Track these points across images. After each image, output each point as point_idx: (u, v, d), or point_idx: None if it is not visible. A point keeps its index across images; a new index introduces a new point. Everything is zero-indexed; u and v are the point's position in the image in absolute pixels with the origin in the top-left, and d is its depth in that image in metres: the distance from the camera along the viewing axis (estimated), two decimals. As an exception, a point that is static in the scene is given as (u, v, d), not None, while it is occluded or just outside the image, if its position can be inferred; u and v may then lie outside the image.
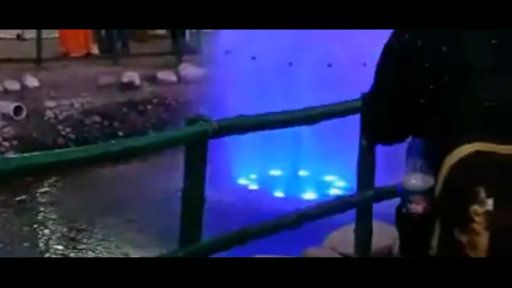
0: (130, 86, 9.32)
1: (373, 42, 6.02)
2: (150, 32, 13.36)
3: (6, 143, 7.41)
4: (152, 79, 9.77)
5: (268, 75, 6.21)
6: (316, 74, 6.04)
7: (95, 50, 10.86)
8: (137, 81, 9.44)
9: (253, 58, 6.16)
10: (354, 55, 5.93)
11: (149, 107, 9.10)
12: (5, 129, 7.52)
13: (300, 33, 5.83)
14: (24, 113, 7.77)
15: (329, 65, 5.98)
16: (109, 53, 10.72)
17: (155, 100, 9.23)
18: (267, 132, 3.58)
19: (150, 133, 8.56)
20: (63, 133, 7.93)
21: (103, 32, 10.96)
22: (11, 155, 7.29)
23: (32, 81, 8.55)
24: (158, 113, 9.07)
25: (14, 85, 8.36)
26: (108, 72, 9.59)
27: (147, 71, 9.88)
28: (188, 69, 10.20)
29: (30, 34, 10.67)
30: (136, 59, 10.51)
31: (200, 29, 10.92)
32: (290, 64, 5.97)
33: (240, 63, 6.39)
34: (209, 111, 6.72)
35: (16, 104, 7.74)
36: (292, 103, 5.74)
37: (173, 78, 9.99)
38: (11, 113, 7.62)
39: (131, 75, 9.46)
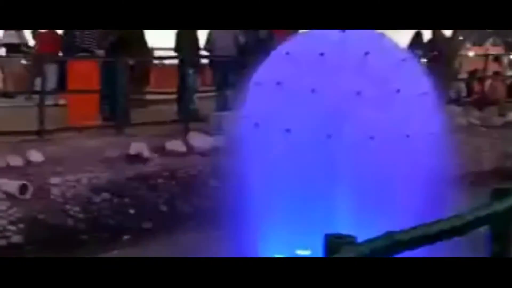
0: (138, 158, 8.79)
1: (415, 112, 5.54)
2: (148, 97, 12.97)
3: (12, 227, 6.80)
4: (161, 150, 9.26)
5: (304, 149, 5.64)
6: (357, 147, 5.50)
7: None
8: (146, 153, 8.92)
9: (287, 130, 5.61)
10: (396, 126, 5.42)
11: (159, 181, 8.54)
12: (10, 211, 6.92)
13: (339, 101, 5.37)
14: (29, 192, 7.19)
15: (372, 138, 5.44)
16: (111, 121, 10.26)
17: (165, 173, 8.68)
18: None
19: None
20: (72, 213, 7.33)
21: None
22: (19, 240, 6.73)
23: (36, 156, 8.01)
24: (170, 188, 8.51)
25: (17, 161, 7.81)
26: (114, 143, 9.08)
27: (154, 140, 9.39)
28: (198, 138, 9.73)
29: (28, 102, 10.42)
30: (141, 128, 10.04)
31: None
32: (329, 136, 5.42)
33: (271, 136, 5.82)
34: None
35: (21, 182, 7.17)
36: (331, 179, 5.37)
37: (183, 148, 9.49)
38: (16, 193, 7.04)
39: (139, 146, 8.95)
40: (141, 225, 7.73)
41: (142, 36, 11.62)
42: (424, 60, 11.84)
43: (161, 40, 16.86)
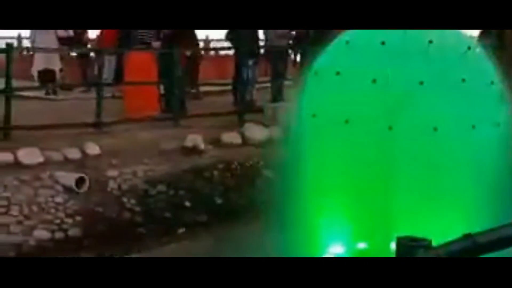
0: (194, 150, 8.73)
1: (481, 102, 5.27)
2: (203, 88, 12.90)
3: (69, 220, 6.80)
4: (216, 142, 9.17)
5: (363, 140, 5.43)
6: (420, 139, 5.28)
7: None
8: (201, 145, 8.84)
9: (346, 121, 5.41)
10: (461, 117, 5.19)
11: (215, 173, 8.45)
12: (68, 204, 6.92)
13: (401, 92, 5.17)
14: (86, 185, 7.18)
15: (435, 129, 5.22)
16: (169, 113, 10.23)
17: (220, 165, 8.59)
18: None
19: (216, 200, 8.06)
20: (128, 205, 7.30)
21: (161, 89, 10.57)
22: (76, 233, 6.72)
23: (93, 149, 8.01)
24: (224, 180, 8.42)
25: (75, 153, 7.82)
26: (170, 135, 9.04)
27: (210, 133, 9.31)
28: (253, 130, 9.61)
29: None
30: (196, 120, 9.97)
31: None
32: (390, 128, 5.21)
33: (329, 127, 5.63)
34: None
35: (78, 175, 7.16)
36: (392, 172, 5.17)
37: (238, 140, 9.39)
38: (73, 186, 7.04)
39: (195, 139, 8.88)
40: (196, 218, 7.66)
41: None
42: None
43: (216, 30, 16.90)
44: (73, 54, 13.85)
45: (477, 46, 5.46)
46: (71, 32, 12.67)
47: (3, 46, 9.10)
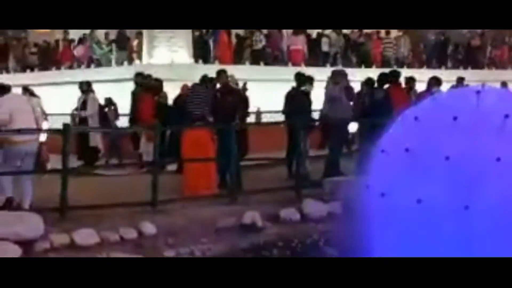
0: (252, 228, 8.48)
1: None
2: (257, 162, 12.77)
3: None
4: (275, 219, 8.92)
5: (438, 221, 5.11)
6: (499, 219, 4.94)
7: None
8: (259, 222, 8.59)
9: (419, 201, 5.11)
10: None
11: (274, 251, 8.16)
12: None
13: (477, 169, 4.87)
14: (143, 267, 6.96)
15: (513, 208, 4.86)
16: (224, 189, 10.07)
17: (280, 243, 8.30)
18: None
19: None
20: (188, 288, 7.03)
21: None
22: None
23: (149, 228, 7.83)
24: (285, 258, 8.10)
25: (131, 233, 7.65)
26: (227, 212, 8.83)
27: (267, 209, 9.07)
28: (312, 205, 9.34)
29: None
30: (254, 196, 9.77)
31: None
32: (467, 207, 4.89)
33: (399, 207, 5.32)
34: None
35: (135, 256, 6.96)
36: (469, 255, 4.83)
37: (297, 216, 9.12)
38: (130, 268, 6.82)
39: (253, 215, 8.64)
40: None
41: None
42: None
43: (267, 102, 16.87)
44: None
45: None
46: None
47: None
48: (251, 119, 16.54)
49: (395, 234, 5.08)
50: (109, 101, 14.17)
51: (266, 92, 17.32)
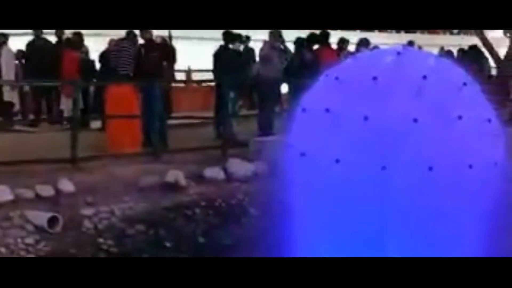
0: (175, 187, 8.37)
1: (478, 140, 4.98)
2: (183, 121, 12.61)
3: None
4: (199, 178, 8.82)
5: (356, 181, 5.11)
6: (415, 179, 4.96)
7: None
8: (183, 181, 8.49)
9: (337, 161, 5.09)
10: (458, 156, 4.90)
11: (197, 211, 8.10)
12: (39, 245, 6.52)
13: (394, 130, 4.88)
14: (60, 225, 6.80)
15: (430, 168, 4.92)
16: (149, 147, 9.89)
17: (203, 203, 8.24)
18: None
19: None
20: (104, 246, 6.91)
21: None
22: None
23: (67, 185, 7.63)
24: (208, 218, 8.06)
25: (47, 191, 7.43)
26: (150, 171, 8.67)
27: (191, 168, 8.97)
28: (237, 165, 9.27)
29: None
30: (178, 155, 9.63)
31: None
32: (384, 168, 4.90)
33: (318, 167, 5.30)
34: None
35: (50, 214, 6.78)
36: (385, 215, 4.86)
37: (221, 175, 9.04)
38: (45, 225, 6.65)
39: (176, 174, 8.53)
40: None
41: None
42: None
43: (198, 61, 16.66)
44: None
45: (472, 81, 5.20)
46: None
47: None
48: (181, 77, 16.35)
49: (315, 194, 5.07)
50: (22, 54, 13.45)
51: (197, 50, 17.11)
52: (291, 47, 12.84)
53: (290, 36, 12.96)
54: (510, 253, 4.77)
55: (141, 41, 10.81)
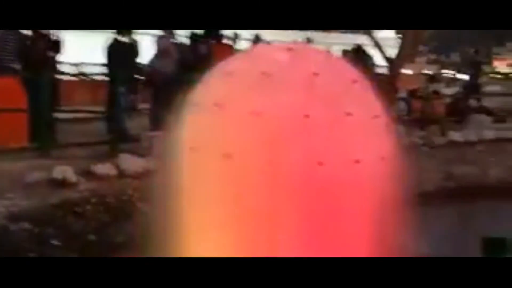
0: (63, 183, 8.11)
1: (367, 136, 5.08)
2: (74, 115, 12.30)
3: None
4: (88, 174, 8.59)
5: (246, 176, 5.09)
6: (305, 174, 4.99)
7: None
8: (72, 177, 8.24)
9: (228, 156, 5.04)
10: (347, 152, 4.95)
11: (88, 207, 7.87)
12: None
13: (285, 125, 4.88)
14: None
15: (320, 164, 4.95)
16: (35, 142, 9.55)
17: (93, 199, 8.02)
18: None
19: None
20: (-15, 246, 6.60)
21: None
22: None
23: None
24: (98, 215, 7.85)
25: None
26: (37, 167, 8.37)
27: (81, 164, 8.73)
28: (129, 161, 9.10)
29: None
30: (67, 150, 9.36)
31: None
32: (274, 163, 4.88)
33: (208, 162, 5.24)
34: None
35: None
36: (275, 209, 4.85)
37: (113, 171, 8.84)
38: None
39: (64, 170, 8.26)
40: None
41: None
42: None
43: (90, 55, 16.26)
44: None
45: (362, 78, 5.28)
46: None
47: None
48: (72, 70, 15.92)
49: (204, 190, 5.00)
50: None
51: (88, 41, 16.70)
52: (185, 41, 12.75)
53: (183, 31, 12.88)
54: (396, 249, 4.87)
55: (26, 32, 10.44)
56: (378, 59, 14.41)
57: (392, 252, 4.92)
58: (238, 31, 14.28)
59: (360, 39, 15.89)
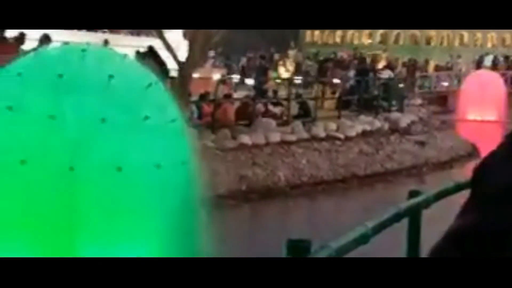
0: None
1: (165, 140, 5.11)
2: None
3: None
4: None
5: (43, 183, 4.97)
6: (104, 180, 4.96)
7: None
8: None
9: (23, 162, 4.93)
10: (146, 156, 5.00)
11: None
12: None
13: (82, 129, 4.81)
14: None
15: (119, 169, 4.96)
16: None
17: None
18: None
19: None
20: None
21: None
22: None
23: None
24: None
25: None
26: None
27: None
28: None
29: None
30: None
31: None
32: (72, 168, 4.84)
33: (3, 168, 5.02)
34: None
35: None
36: (73, 217, 4.73)
37: None
38: None
39: None
40: None
41: None
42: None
43: None
44: None
45: (157, 82, 5.29)
46: None
47: None
48: None
49: (3, 196, 4.75)
50: None
51: None
52: None
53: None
54: (197, 251, 4.95)
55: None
56: (171, 62, 14.47)
57: (192, 252, 5.01)
58: (25, 31, 13.63)
59: (153, 42, 15.88)
